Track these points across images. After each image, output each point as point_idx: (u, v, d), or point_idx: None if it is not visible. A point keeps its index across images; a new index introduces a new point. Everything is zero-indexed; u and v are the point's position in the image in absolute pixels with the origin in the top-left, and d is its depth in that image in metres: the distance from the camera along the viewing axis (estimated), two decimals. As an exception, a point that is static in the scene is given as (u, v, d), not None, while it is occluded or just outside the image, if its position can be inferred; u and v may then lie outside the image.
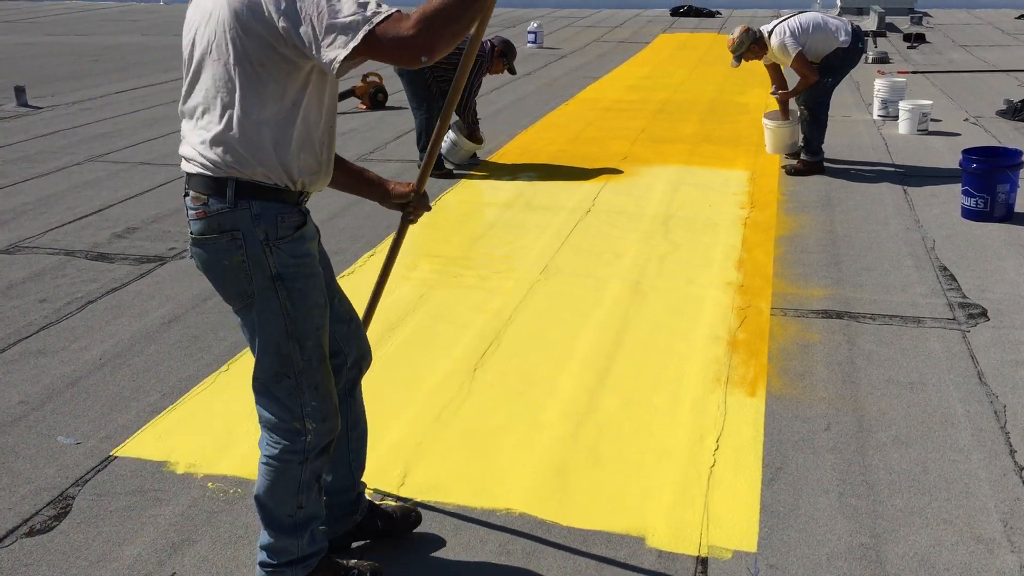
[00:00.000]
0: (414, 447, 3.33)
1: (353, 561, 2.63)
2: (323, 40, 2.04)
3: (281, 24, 2.05)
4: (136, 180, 7.03)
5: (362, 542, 2.79)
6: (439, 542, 2.81)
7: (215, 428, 3.47)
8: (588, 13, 20.97)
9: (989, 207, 5.69)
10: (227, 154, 2.17)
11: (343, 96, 9.70)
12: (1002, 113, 8.92)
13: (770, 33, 6.75)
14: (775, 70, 7.21)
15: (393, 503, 2.88)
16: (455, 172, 7.09)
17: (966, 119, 8.85)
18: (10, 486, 3.12)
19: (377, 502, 2.87)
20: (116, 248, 5.50)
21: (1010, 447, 3.26)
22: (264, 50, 2.10)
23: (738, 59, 6.89)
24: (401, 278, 4.94)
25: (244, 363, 3.99)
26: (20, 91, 10.12)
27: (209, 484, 3.12)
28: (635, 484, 3.09)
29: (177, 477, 3.16)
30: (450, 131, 7.20)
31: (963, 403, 3.56)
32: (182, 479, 3.15)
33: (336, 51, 2.03)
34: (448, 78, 6.93)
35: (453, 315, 4.46)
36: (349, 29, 2.02)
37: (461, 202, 6.41)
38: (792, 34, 6.64)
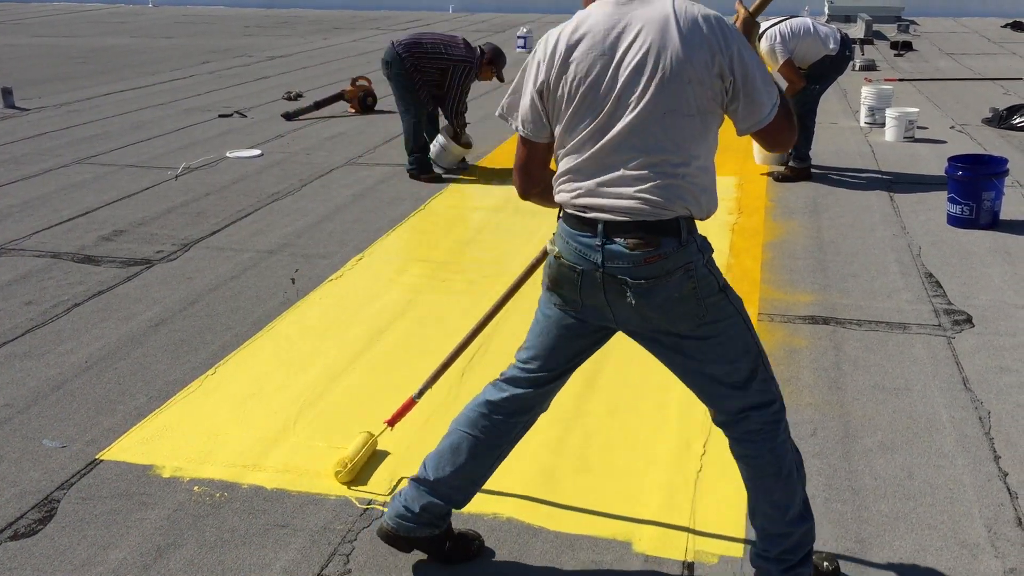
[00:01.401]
0: (403, 452, 3.32)
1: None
2: (745, 106, 2.24)
3: (728, 81, 2.20)
4: (123, 183, 7.00)
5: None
6: (426, 546, 2.80)
7: (201, 432, 3.46)
8: (577, 19, 20.93)
9: (975, 214, 5.72)
10: (682, 197, 2.25)
11: (332, 100, 9.70)
12: (988, 121, 8.98)
13: (760, 36, 6.78)
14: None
15: (466, 530, 2.83)
16: (444, 176, 7.10)
17: (952, 127, 8.90)
18: (-6, 490, 3.10)
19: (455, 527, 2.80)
20: (103, 251, 5.48)
21: (994, 453, 3.28)
22: (710, 101, 2.22)
23: None
24: (389, 282, 4.93)
25: (231, 366, 3.98)
26: (7, 93, 10.07)
27: (195, 488, 3.11)
28: (622, 489, 3.10)
29: (163, 481, 3.15)
30: (439, 136, 7.20)
31: (948, 409, 3.58)
32: (168, 483, 3.14)
33: (750, 121, 2.27)
34: (436, 81, 6.94)
35: (442, 320, 4.46)
36: (768, 103, 2.25)
37: (450, 207, 6.41)
38: (782, 40, 6.66)
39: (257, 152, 8.00)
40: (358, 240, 5.61)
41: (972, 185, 5.70)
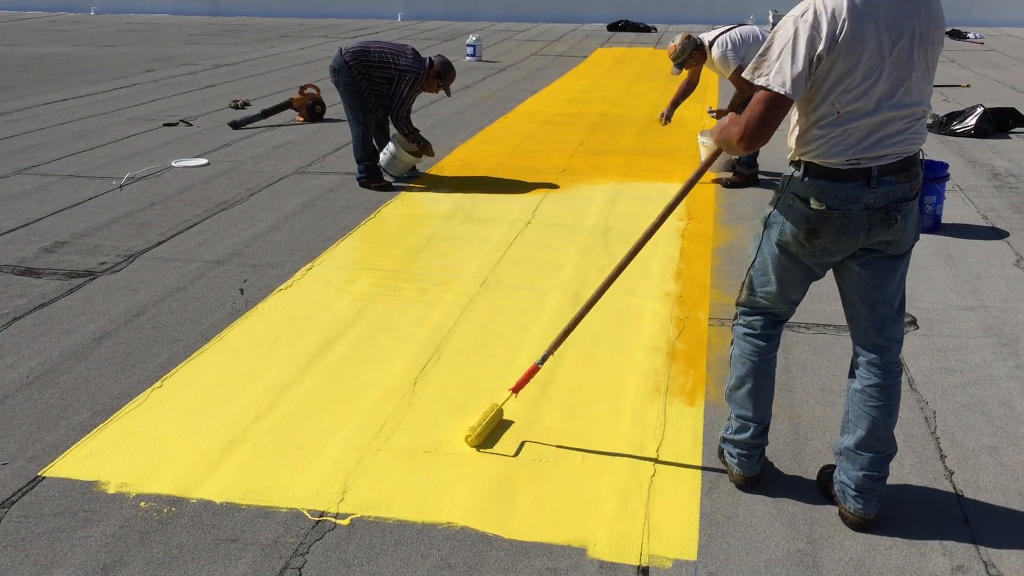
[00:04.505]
0: (355, 462, 3.29)
1: None
2: None
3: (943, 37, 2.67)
4: (65, 193, 6.86)
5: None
6: (380, 557, 2.78)
7: (148, 446, 3.39)
8: (526, 27, 21.08)
9: (917, 218, 5.83)
10: (925, 134, 2.71)
11: (280, 108, 9.61)
12: (928, 127, 9.19)
13: (711, 44, 6.86)
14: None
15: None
16: (394, 184, 7.06)
17: (894, 133, 9.08)
18: (-69, 510, 3.01)
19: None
20: (44, 263, 5.35)
21: (940, 452, 3.34)
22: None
23: (679, 67, 6.98)
24: (339, 291, 4.89)
25: (178, 379, 3.91)
26: (-57, 102, 9.83)
27: (142, 504, 3.04)
28: (576, 495, 3.10)
29: (108, 497, 3.08)
30: (389, 144, 7.17)
31: (895, 410, 3.64)
32: (113, 499, 3.07)
33: None
34: (383, 92, 6.90)
35: (393, 328, 4.43)
36: None
37: (400, 215, 6.38)
38: (733, 47, 6.74)
39: (203, 161, 7.89)
40: (308, 249, 5.56)
41: (914, 190, 5.80)
